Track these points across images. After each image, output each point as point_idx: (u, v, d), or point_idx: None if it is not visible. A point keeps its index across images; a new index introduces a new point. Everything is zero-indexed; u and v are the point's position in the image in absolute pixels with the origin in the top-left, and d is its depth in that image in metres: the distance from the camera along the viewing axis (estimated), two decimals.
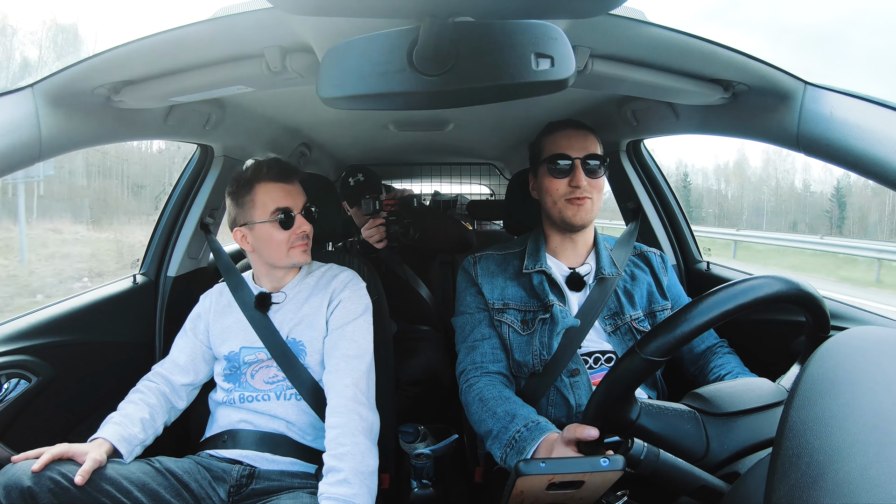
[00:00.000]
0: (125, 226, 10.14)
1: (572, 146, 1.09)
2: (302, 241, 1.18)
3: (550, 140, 1.13)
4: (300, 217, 1.17)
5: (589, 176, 1.09)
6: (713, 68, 0.86)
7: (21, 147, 0.79)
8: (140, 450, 1.05)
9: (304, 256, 1.19)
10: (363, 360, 1.12)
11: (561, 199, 1.10)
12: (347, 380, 1.07)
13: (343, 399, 1.04)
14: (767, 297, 0.63)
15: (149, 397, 1.12)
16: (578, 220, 1.10)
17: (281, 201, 1.15)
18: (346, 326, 1.15)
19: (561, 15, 0.56)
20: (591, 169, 1.09)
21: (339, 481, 0.92)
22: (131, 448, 1.01)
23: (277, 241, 1.15)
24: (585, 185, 1.08)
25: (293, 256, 1.18)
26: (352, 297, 1.20)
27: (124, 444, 1.00)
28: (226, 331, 1.20)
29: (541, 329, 1.07)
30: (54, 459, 0.88)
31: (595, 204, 1.11)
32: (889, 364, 0.41)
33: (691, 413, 0.68)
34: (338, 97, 0.50)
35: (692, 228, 1.62)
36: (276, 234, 1.15)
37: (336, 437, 0.99)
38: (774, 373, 0.77)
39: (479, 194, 3.38)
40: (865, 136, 0.73)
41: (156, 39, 0.78)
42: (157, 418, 1.11)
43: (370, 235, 1.69)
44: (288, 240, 1.16)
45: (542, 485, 0.63)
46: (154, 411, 1.11)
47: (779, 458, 0.38)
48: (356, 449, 0.98)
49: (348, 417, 1.02)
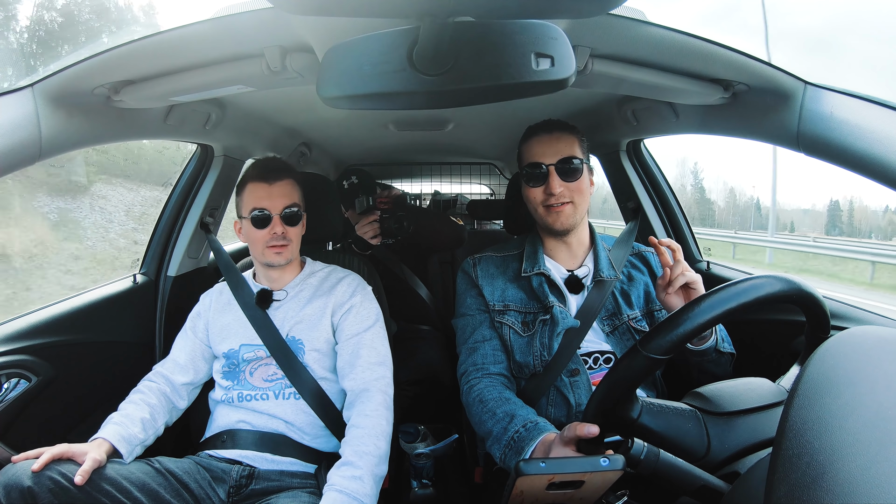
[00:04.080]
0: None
1: (545, 152, 1.08)
2: (277, 243, 1.17)
3: (526, 147, 1.12)
4: (276, 219, 1.17)
5: (566, 179, 1.07)
6: (713, 68, 0.86)
7: (21, 147, 0.79)
8: (140, 450, 1.05)
9: (276, 258, 1.19)
10: (387, 367, 1.16)
11: (540, 206, 1.09)
12: (377, 386, 1.10)
13: (374, 404, 1.07)
14: (768, 297, 0.63)
15: (149, 397, 1.12)
16: (559, 226, 1.09)
17: (258, 202, 1.17)
18: (364, 334, 1.17)
19: (561, 15, 0.56)
20: (569, 171, 1.07)
21: (354, 477, 0.94)
22: (131, 448, 1.01)
23: (254, 238, 1.18)
24: (562, 191, 1.06)
25: (267, 256, 1.19)
26: (363, 302, 1.22)
27: (124, 444, 1.00)
28: (226, 328, 1.20)
29: (541, 330, 1.07)
30: (54, 459, 0.88)
31: (578, 207, 1.09)
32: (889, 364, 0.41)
33: (692, 412, 0.68)
34: (338, 97, 0.50)
35: (692, 228, 1.62)
36: (253, 232, 1.18)
37: (361, 436, 1.01)
38: (774, 372, 0.77)
39: (479, 194, 3.38)
40: (865, 136, 0.73)
41: (156, 39, 0.78)
42: (157, 418, 1.11)
43: (365, 232, 1.69)
44: (263, 239, 1.17)
45: (541, 485, 0.62)
46: (155, 411, 1.11)
47: (779, 458, 0.38)
48: (377, 452, 1.00)
49: (377, 421, 1.04)
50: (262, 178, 1.18)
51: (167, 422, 1.15)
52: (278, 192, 1.18)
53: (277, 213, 1.17)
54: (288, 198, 1.19)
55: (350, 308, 1.20)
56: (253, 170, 1.21)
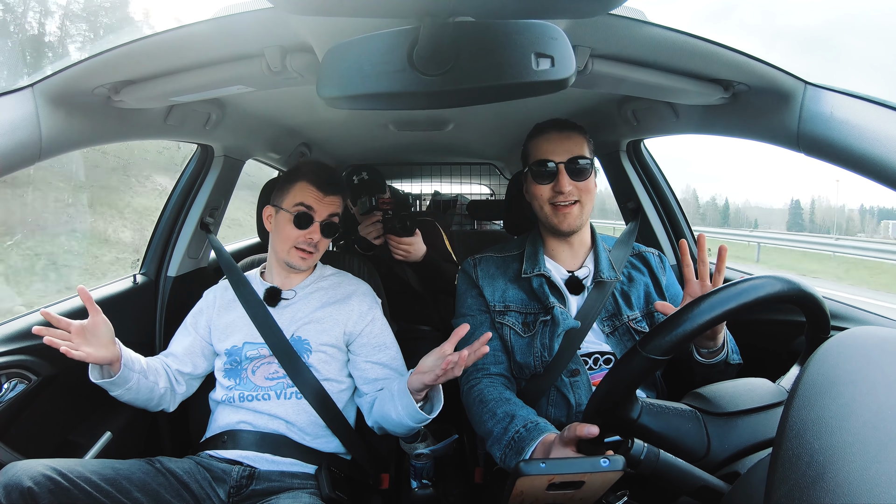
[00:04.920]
0: None
1: (555, 150, 1.08)
2: (306, 248, 1.19)
3: (534, 144, 1.12)
4: (317, 225, 1.19)
5: (575, 179, 1.07)
6: (713, 68, 0.85)
7: (21, 147, 0.79)
8: (136, 377, 1.08)
9: (300, 262, 1.20)
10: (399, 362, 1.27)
11: (546, 204, 1.09)
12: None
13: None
14: (768, 297, 0.63)
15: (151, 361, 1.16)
16: (566, 227, 1.09)
17: (307, 200, 1.18)
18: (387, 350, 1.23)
19: (561, 15, 0.56)
20: (577, 171, 1.07)
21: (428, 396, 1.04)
22: (130, 362, 1.07)
23: (286, 234, 1.19)
24: (571, 190, 1.07)
25: (291, 256, 1.19)
26: (380, 317, 1.27)
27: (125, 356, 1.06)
28: (229, 326, 1.21)
29: (542, 331, 1.07)
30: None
31: (584, 208, 1.09)
32: (889, 364, 0.41)
33: (692, 412, 0.68)
34: (338, 97, 0.50)
35: (692, 228, 1.62)
36: (288, 228, 1.18)
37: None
38: (775, 372, 0.77)
39: (479, 194, 3.38)
40: (866, 136, 0.73)
41: (156, 39, 0.78)
42: (158, 377, 1.14)
43: (368, 232, 1.69)
44: (296, 239, 1.18)
45: (542, 485, 0.62)
46: (154, 368, 1.14)
47: (779, 458, 0.38)
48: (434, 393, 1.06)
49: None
50: (319, 186, 1.20)
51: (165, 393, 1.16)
52: (329, 202, 1.21)
53: (320, 220, 1.19)
54: (332, 210, 1.21)
55: (372, 321, 1.24)
56: (312, 174, 1.21)
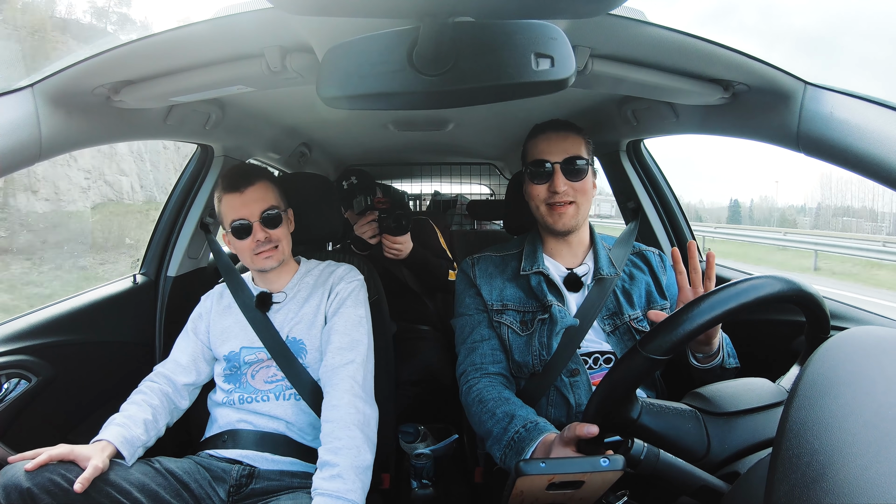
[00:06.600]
0: None
1: (551, 150, 1.08)
2: (265, 248, 1.16)
3: (532, 144, 1.12)
4: (257, 225, 1.15)
5: (571, 179, 1.07)
6: (713, 68, 0.85)
7: (21, 147, 0.79)
8: (142, 451, 1.04)
9: (266, 262, 1.18)
10: (358, 352, 1.11)
11: (542, 203, 1.10)
12: (343, 373, 1.07)
13: (339, 392, 1.04)
14: (768, 297, 0.63)
15: (151, 398, 1.12)
16: (560, 227, 1.09)
17: (234, 212, 1.15)
18: (336, 318, 1.15)
19: (561, 15, 0.56)
20: (573, 171, 1.07)
21: (334, 476, 0.92)
22: (133, 450, 1.01)
23: (241, 248, 1.17)
24: (566, 190, 1.07)
25: (258, 262, 1.18)
26: (346, 287, 1.20)
27: (127, 445, 0.99)
28: (226, 331, 1.20)
29: (540, 329, 1.07)
30: (55, 461, 0.87)
31: (581, 208, 1.09)
32: (889, 364, 0.41)
33: (692, 412, 0.68)
34: (338, 97, 0.50)
35: (692, 228, 1.62)
36: (238, 242, 1.16)
37: (331, 430, 0.99)
38: (774, 372, 0.77)
39: (479, 194, 3.38)
40: (866, 136, 0.72)
41: (156, 39, 0.78)
42: (159, 419, 1.11)
43: (363, 232, 1.69)
44: (249, 248, 1.16)
45: (542, 485, 0.62)
46: (157, 412, 1.10)
47: (779, 458, 0.38)
48: (351, 443, 0.97)
49: (344, 411, 1.02)
50: (233, 187, 1.15)
51: (168, 422, 1.15)
52: (252, 197, 1.15)
53: (256, 219, 1.15)
54: (263, 201, 1.16)
55: (337, 294, 1.18)
56: (222, 181, 1.18)
